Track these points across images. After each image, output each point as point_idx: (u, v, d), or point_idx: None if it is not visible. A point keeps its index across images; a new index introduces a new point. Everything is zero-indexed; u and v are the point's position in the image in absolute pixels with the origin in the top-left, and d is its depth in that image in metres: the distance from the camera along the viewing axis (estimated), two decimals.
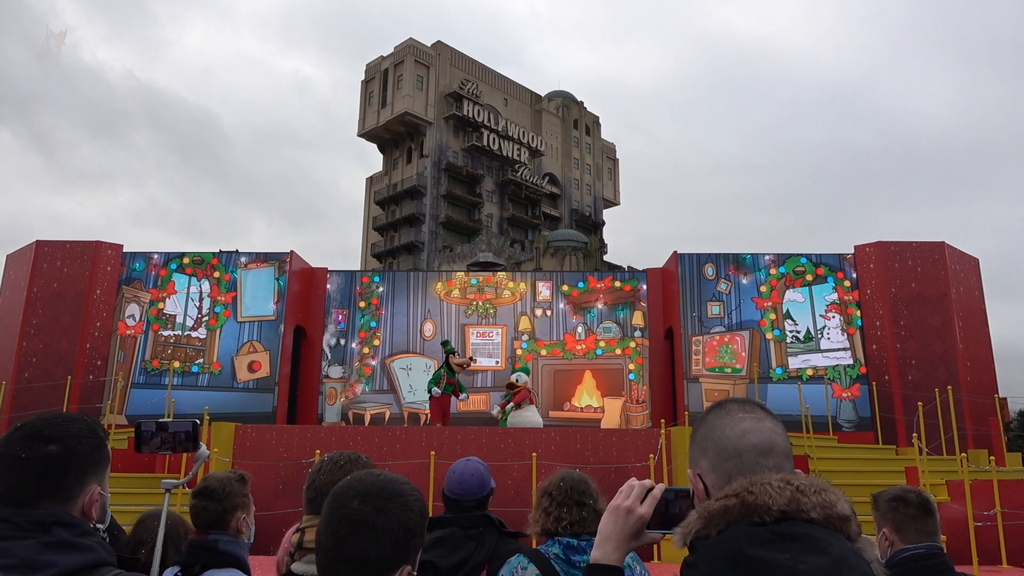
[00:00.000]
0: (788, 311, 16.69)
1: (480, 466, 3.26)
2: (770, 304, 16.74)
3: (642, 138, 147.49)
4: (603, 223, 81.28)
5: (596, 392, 17.76)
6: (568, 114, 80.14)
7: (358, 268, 65.84)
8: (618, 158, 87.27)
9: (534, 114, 77.43)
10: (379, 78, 71.29)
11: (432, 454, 10.83)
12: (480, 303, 18.38)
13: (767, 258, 17.09)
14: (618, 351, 17.94)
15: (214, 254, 17.49)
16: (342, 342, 18.05)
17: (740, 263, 17.10)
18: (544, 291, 18.50)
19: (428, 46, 71.65)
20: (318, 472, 2.66)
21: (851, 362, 16.14)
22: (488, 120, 71.15)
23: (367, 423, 17.19)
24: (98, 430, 1.74)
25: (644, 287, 18.14)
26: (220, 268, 17.13)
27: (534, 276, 19.44)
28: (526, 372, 14.16)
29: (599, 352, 17.94)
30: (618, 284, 18.42)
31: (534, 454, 11.01)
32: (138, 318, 16.68)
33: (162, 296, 16.89)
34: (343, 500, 1.51)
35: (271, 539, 3.01)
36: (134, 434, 2.83)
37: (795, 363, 16.31)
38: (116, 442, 12.35)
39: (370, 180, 75.99)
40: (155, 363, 16.28)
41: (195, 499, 3.05)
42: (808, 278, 16.85)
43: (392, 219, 71.02)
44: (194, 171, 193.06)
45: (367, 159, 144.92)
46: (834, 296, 16.66)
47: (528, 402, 13.53)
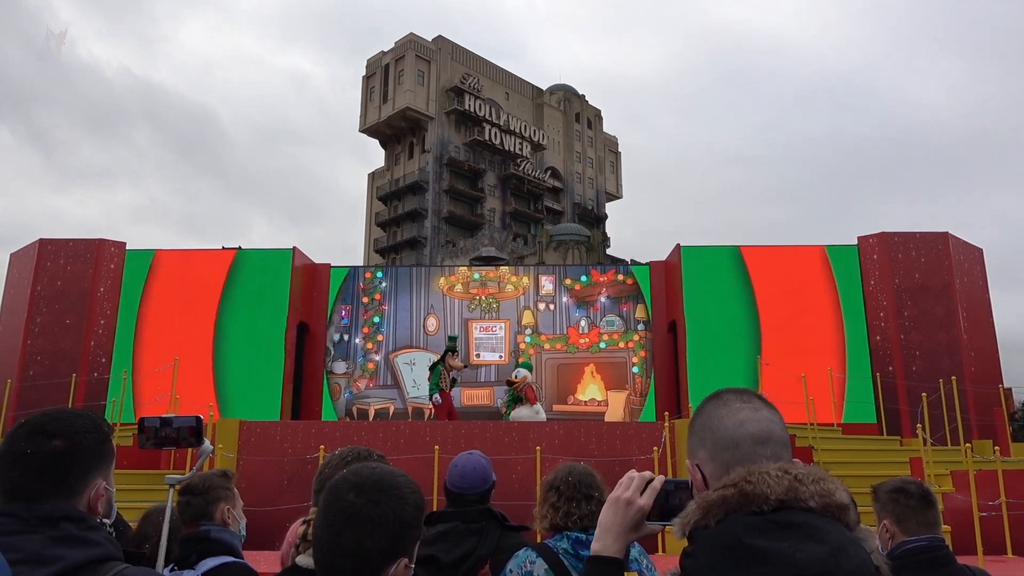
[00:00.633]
0: None
1: (482, 460, 3.25)
2: None
3: (643, 131, 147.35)
4: (605, 217, 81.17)
5: (600, 385, 17.76)
6: (569, 108, 79.98)
7: (361, 264, 65.93)
8: (620, 151, 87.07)
9: (535, 108, 77.30)
10: (380, 73, 71.19)
11: (436, 448, 10.85)
12: (483, 298, 18.39)
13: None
14: (621, 344, 17.94)
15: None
16: (345, 338, 18.08)
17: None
18: (547, 285, 18.50)
19: (429, 41, 71.51)
20: (328, 466, 2.67)
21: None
22: (489, 114, 71.04)
23: (371, 418, 17.22)
24: (102, 425, 1.75)
25: (630, 281, 18.10)
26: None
27: (537, 270, 19.43)
28: (528, 368, 14.06)
29: (602, 346, 17.94)
30: (621, 278, 18.42)
31: (538, 448, 11.03)
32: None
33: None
34: (339, 493, 1.52)
35: (276, 534, 3.02)
36: (137, 429, 2.85)
37: None
38: (120, 438, 12.38)
39: (372, 176, 75.94)
40: None
41: (180, 496, 3.11)
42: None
43: (394, 214, 71.00)
44: (193, 168, 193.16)
45: (368, 155, 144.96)
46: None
47: (529, 400, 13.42)
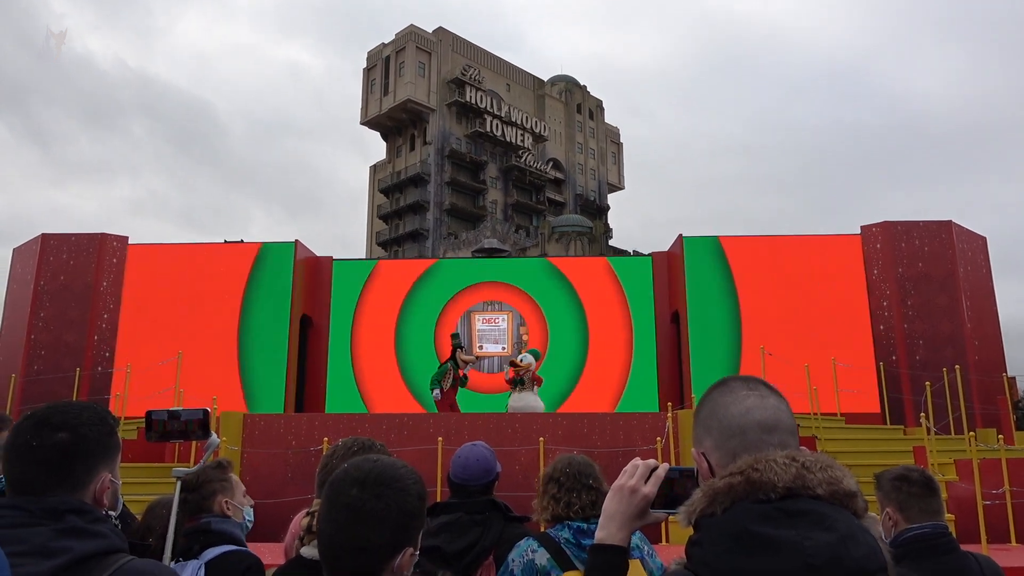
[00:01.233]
0: None
1: (486, 451, 3.25)
2: None
3: (644, 122, 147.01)
4: (608, 208, 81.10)
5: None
6: (571, 99, 79.81)
7: (363, 256, 65.94)
8: (622, 142, 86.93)
9: (537, 99, 77.16)
10: (381, 65, 71.06)
11: (440, 440, 10.87)
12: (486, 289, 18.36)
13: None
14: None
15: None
16: None
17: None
18: None
19: (429, 32, 71.34)
20: (331, 456, 2.67)
21: None
22: (491, 106, 70.92)
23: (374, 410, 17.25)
24: (108, 418, 1.76)
25: (650, 271, 18.07)
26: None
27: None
28: (535, 355, 13.89)
29: None
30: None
31: (541, 439, 11.04)
32: None
33: None
34: (341, 488, 1.52)
35: (281, 526, 3.02)
36: (144, 422, 2.85)
37: None
38: (124, 432, 12.41)
39: (373, 168, 75.89)
40: None
41: (181, 493, 3.10)
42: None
43: (396, 207, 71.00)
44: (191, 161, 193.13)
45: (368, 147, 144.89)
46: None
47: (535, 384, 13.30)
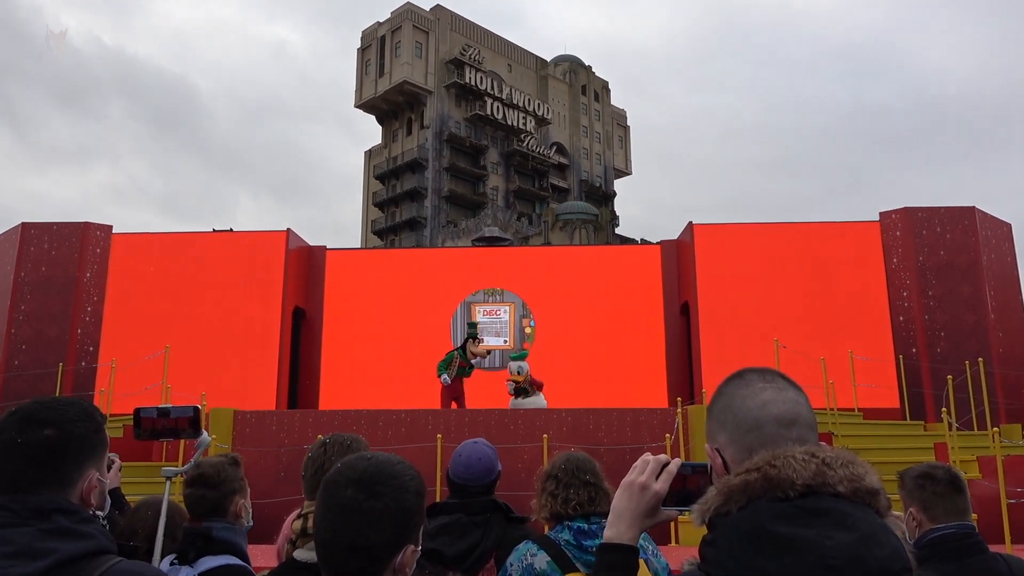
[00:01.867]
0: None
1: (487, 449, 3.25)
2: None
3: (649, 103, 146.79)
4: (614, 194, 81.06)
5: None
6: (575, 80, 79.66)
7: (358, 245, 65.97)
8: (628, 125, 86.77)
9: (539, 80, 77.00)
10: (376, 45, 70.90)
11: (439, 437, 10.88)
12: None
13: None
14: None
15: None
16: None
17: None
18: None
19: (426, 10, 71.14)
20: (324, 455, 2.66)
21: None
22: (491, 88, 70.79)
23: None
24: (95, 414, 1.76)
25: (659, 260, 18.06)
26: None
27: None
28: (523, 358, 13.78)
29: None
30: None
31: (545, 435, 11.06)
32: None
33: None
34: (336, 489, 1.53)
35: (273, 527, 3.03)
36: (133, 420, 2.85)
37: None
38: (110, 429, 12.44)
39: (368, 153, 75.85)
40: None
41: (190, 488, 3.07)
42: None
43: (393, 194, 70.99)
44: (174, 145, 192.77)
45: (362, 131, 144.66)
46: None
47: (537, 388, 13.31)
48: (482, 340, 14.21)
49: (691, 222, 17.29)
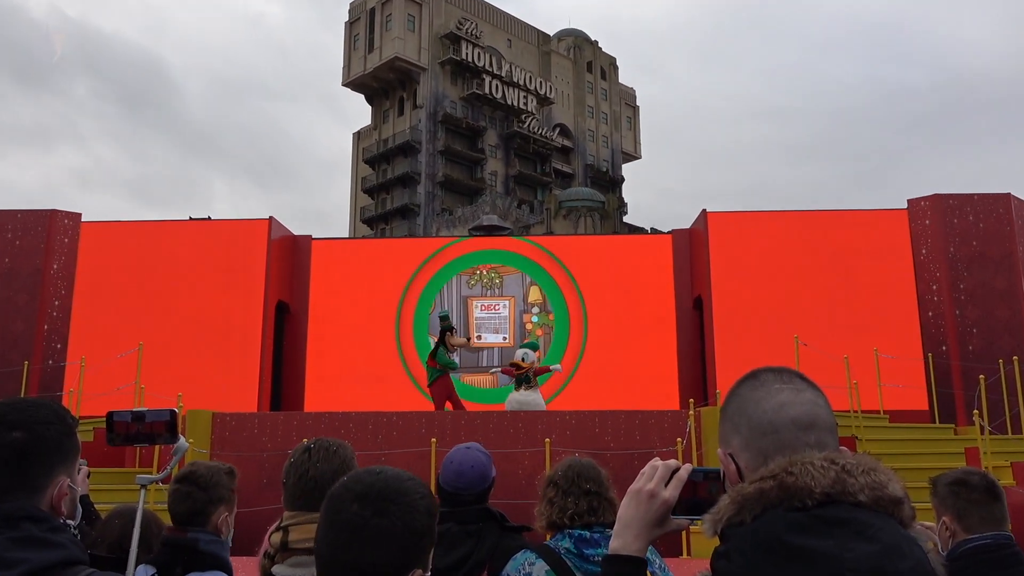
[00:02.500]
0: None
1: (481, 455, 3.26)
2: None
3: (660, 82, 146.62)
4: (622, 179, 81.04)
5: None
6: (580, 56, 79.51)
7: (346, 235, 65.96)
8: (638, 105, 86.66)
9: (542, 57, 76.86)
10: (365, 18, 70.75)
11: (433, 442, 10.90)
12: (484, 272, 18.39)
13: None
14: None
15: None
16: None
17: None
18: None
19: None
20: (308, 461, 2.66)
21: None
22: (490, 64, 70.65)
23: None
24: (67, 417, 1.77)
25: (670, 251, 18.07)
26: None
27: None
28: (533, 347, 13.89)
29: None
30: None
31: (547, 440, 11.08)
32: None
33: None
34: (341, 504, 1.52)
35: (254, 538, 3.02)
36: (106, 424, 2.85)
37: None
38: (80, 433, 12.45)
39: (357, 135, 75.78)
40: None
41: (179, 484, 3.07)
42: None
43: (383, 179, 70.94)
44: (143, 125, 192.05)
45: (350, 111, 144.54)
46: None
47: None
48: (457, 330, 14.11)
49: (705, 210, 17.28)
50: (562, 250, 18.60)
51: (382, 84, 71.45)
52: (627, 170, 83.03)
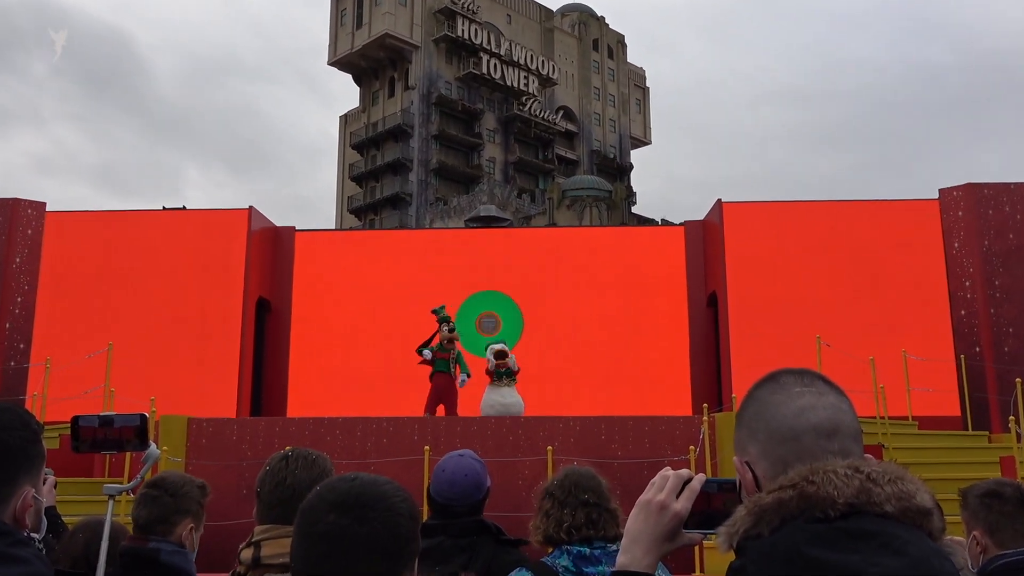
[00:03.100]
0: None
1: (475, 463, 3.27)
2: None
3: (671, 62, 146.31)
4: (630, 167, 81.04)
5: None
6: (586, 33, 79.45)
7: (332, 226, 65.97)
8: (648, 86, 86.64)
9: (544, 34, 76.81)
10: None
11: (426, 449, 10.91)
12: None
13: None
14: None
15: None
16: None
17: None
18: None
19: None
20: (286, 469, 2.65)
21: None
22: (488, 42, 70.60)
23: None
24: (31, 422, 1.78)
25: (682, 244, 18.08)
26: None
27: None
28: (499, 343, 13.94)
29: None
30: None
31: (549, 447, 11.09)
32: None
33: None
34: (316, 515, 1.52)
35: (231, 553, 3.02)
36: (71, 430, 2.85)
37: None
38: (45, 440, 12.45)
39: (344, 119, 75.76)
40: None
41: (147, 488, 3.09)
42: None
43: (372, 166, 70.93)
44: (108, 107, 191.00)
45: (336, 92, 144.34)
46: None
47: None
48: (451, 326, 14.01)
49: (720, 200, 17.28)
50: (566, 242, 18.61)
51: (371, 63, 71.39)
52: (635, 156, 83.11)
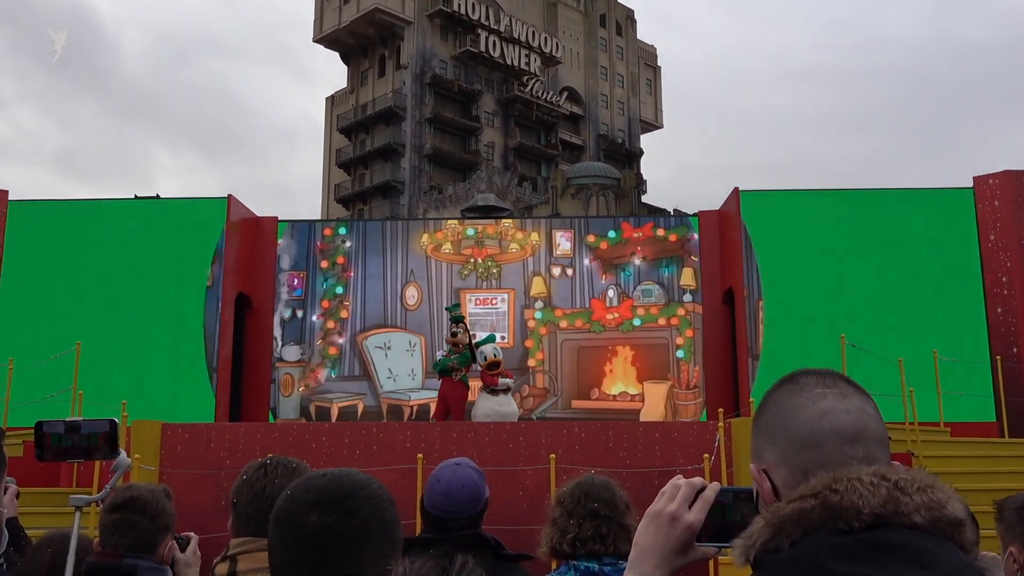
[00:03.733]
0: None
1: (473, 473, 3.27)
2: None
3: (685, 39, 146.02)
4: (640, 152, 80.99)
5: (633, 375, 17.82)
6: (592, 8, 79.35)
7: (318, 217, 65.92)
8: (660, 66, 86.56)
9: (547, 8, 76.69)
10: None
11: (419, 457, 10.91)
12: (480, 260, 18.39)
13: None
14: (662, 321, 17.95)
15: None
16: (299, 314, 18.11)
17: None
18: (564, 243, 18.47)
19: None
20: (265, 478, 2.65)
21: None
22: (486, 17, 70.51)
23: (334, 418, 17.30)
24: None
25: (695, 236, 18.08)
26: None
27: (550, 224, 19.37)
28: (492, 339, 14.17)
29: (636, 323, 17.96)
30: (662, 233, 18.38)
31: (553, 455, 11.09)
32: None
33: None
34: (296, 519, 1.52)
35: (207, 569, 3.03)
36: (35, 437, 2.86)
37: None
38: (6, 447, 12.46)
39: (331, 100, 75.70)
40: None
41: (117, 512, 3.05)
42: None
43: (361, 152, 70.87)
44: (70, 86, 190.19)
45: (322, 72, 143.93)
46: None
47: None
48: (456, 326, 14.17)
49: (737, 188, 17.27)
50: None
51: (360, 40, 71.28)
52: (646, 142, 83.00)
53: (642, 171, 77.57)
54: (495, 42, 70.78)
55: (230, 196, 17.42)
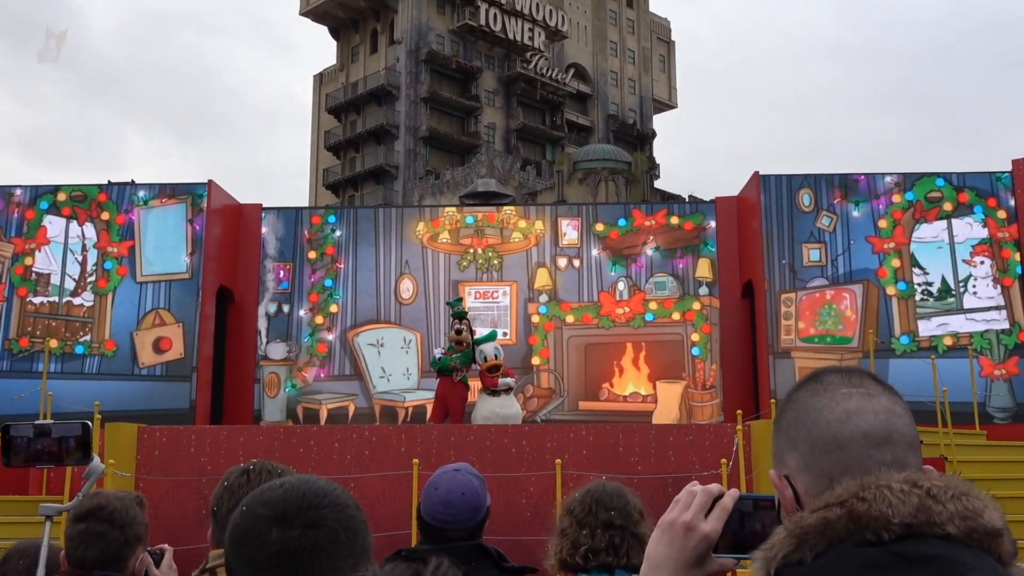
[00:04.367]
0: (915, 256, 16.61)
1: (473, 480, 3.27)
2: (892, 246, 16.66)
3: (698, 11, 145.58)
4: (653, 134, 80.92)
5: (645, 374, 17.81)
6: None
7: (306, 204, 65.91)
8: (673, 40, 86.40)
9: None
10: None
11: (415, 463, 10.91)
12: (479, 251, 18.39)
13: (888, 180, 16.94)
14: (676, 315, 17.94)
15: (101, 187, 17.48)
16: (285, 309, 18.11)
17: (848, 187, 16.97)
18: (570, 232, 18.46)
19: None
20: (247, 485, 2.66)
21: (1007, 326, 16.09)
22: None
23: (323, 421, 17.31)
24: None
25: (712, 224, 18.06)
26: (110, 207, 17.10)
27: (556, 211, 19.33)
28: (493, 337, 14.23)
29: (649, 317, 17.95)
30: (676, 220, 18.36)
31: (558, 461, 11.09)
32: None
33: (30, 248, 16.93)
34: (257, 536, 1.51)
35: None
36: (1, 441, 2.86)
37: (927, 328, 16.26)
38: None
39: (319, 78, 75.67)
40: (23, 342, 16.39)
41: (83, 522, 3.04)
42: (947, 208, 16.72)
43: (352, 133, 70.86)
44: (32, 63, 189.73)
45: (309, 47, 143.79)
46: (984, 233, 16.55)
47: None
48: (460, 322, 14.24)
49: (757, 173, 17.26)
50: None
51: (351, 13, 71.25)
52: (658, 122, 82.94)
53: (655, 154, 77.52)
54: (496, 15, 70.65)
55: (210, 181, 17.40)
